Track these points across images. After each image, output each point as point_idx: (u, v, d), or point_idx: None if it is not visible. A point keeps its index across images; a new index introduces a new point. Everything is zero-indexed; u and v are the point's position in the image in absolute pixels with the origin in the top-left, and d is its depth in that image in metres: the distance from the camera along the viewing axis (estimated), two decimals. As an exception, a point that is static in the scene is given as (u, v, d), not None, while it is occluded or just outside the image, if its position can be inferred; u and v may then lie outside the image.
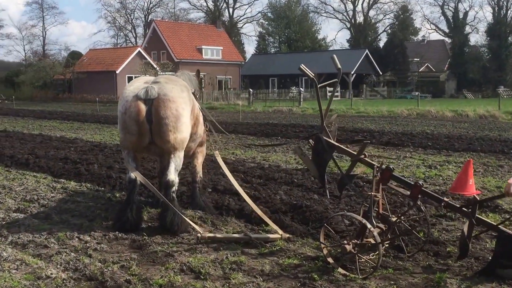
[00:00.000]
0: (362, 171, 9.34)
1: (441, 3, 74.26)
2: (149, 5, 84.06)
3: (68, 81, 58.47)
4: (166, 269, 4.90)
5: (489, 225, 4.93)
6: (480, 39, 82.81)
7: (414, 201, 5.26)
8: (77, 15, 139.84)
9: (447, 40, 77.30)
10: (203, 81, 59.29)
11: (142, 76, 7.48)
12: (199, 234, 5.72)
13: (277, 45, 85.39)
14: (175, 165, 6.26)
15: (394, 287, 4.53)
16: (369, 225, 4.81)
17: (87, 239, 5.82)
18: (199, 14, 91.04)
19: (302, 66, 6.28)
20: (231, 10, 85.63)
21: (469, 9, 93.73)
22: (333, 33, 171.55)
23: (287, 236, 5.85)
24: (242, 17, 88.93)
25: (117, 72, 53.56)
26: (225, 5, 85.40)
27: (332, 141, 6.14)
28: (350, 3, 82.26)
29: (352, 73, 60.68)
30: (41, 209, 7.23)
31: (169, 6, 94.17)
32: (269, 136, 17.70)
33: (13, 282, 4.50)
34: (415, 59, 69.73)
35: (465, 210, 5.03)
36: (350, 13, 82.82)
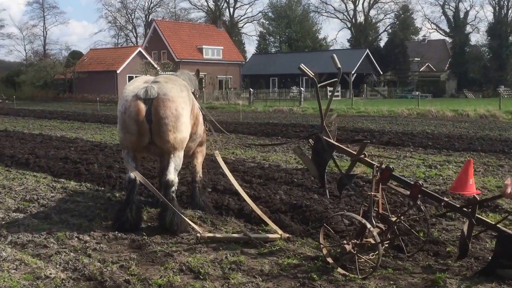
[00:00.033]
0: (362, 170, 9.34)
1: (441, 3, 74.31)
2: (149, 4, 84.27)
3: (68, 81, 58.53)
4: (166, 269, 4.88)
5: (488, 225, 4.92)
6: (481, 39, 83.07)
7: (414, 201, 5.25)
8: (78, 14, 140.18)
9: (447, 39, 77.33)
10: (203, 81, 59.32)
11: (141, 76, 7.46)
12: (199, 234, 5.71)
13: (277, 44, 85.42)
14: (174, 165, 6.25)
15: (394, 287, 4.52)
16: (368, 225, 4.80)
17: (87, 239, 5.80)
18: (199, 14, 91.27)
19: (301, 65, 6.27)
20: (231, 10, 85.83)
21: (470, 9, 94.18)
22: (333, 32, 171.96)
23: (286, 236, 5.83)
24: (242, 16, 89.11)
25: (117, 72, 53.61)
26: (225, 4, 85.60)
27: (332, 140, 6.13)
28: (350, 2, 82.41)
29: (353, 72, 60.69)
30: (41, 209, 7.22)
31: (170, 6, 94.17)
32: (270, 135, 17.69)
33: (12, 282, 4.49)
34: (415, 59, 69.74)
35: (465, 210, 5.02)
36: (351, 12, 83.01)
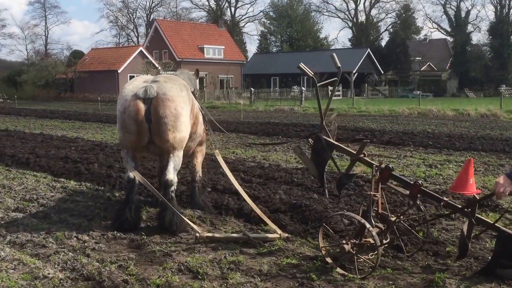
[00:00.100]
0: (362, 170, 9.32)
1: (443, 2, 74.22)
2: (151, 4, 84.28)
3: (70, 80, 58.57)
4: (164, 269, 4.87)
5: (487, 224, 4.90)
6: (482, 38, 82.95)
7: (413, 201, 5.23)
8: (79, 14, 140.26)
9: (449, 39, 77.26)
10: (204, 80, 59.33)
11: (141, 75, 7.45)
12: (198, 234, 5.70)
13: (279, 44, 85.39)
14: (174, 164, 6.23)
15: (393, 287, 4.50)
16: (367, 225, 4.79)
17: (86, 238, 5.79)
18: (201, 14, 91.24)
19: (301, 65, 6.26)
20: (233, 9, 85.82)
21: (471, 8, 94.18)
22: (335, 32, 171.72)
23: (286, 235, 5.82)
24: (244, 16, 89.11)
25: (119, 72, 53.64)
26: (227, 4, 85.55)
27: (332, 140, 6.12)
28: (352, 2, 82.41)
29: (354, 72, 60.63)
30: (40, 209, 7.21)
31: (171, 6, 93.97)
32: (270, 135, 17.67)
33: (10, 282, 4.48)
34: (417, 58, 69.69)
35: (464, 209, 5.01)
36: (352, 12, 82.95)
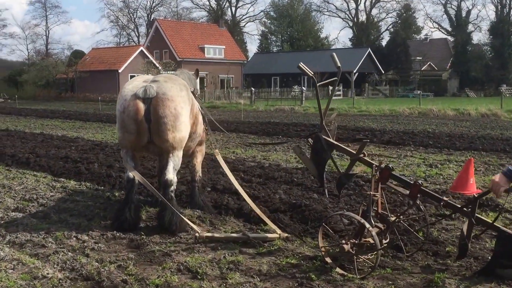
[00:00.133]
0: (362, 170, 9.31)
1: (443, 2, 74.22)
2: (151, 4, 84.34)
3: (70, 80, 58.57)
4: (163, 269, 4.86)
5: (487, 224, 4.88)
6: (483, 38, 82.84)
7: (413, 200, 5.23)
8: (80, 14, 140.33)
9: (449, 38, 77.24)
10: (205, 80, 59.33)
11: (140, 75, 7.44)
12: (197, 234, 5.69)
13: (279, 44, 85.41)
14: (173, 164, 6.23)
15: (392, 287, 4.50)
16: (367, 225, 4.78)
17: (85, 238, 5.79)
18: (201, 13, 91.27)
19: (301, 64, 6.26)
20: (233, 9, 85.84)
21: (472, 8, 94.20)
22: (335, 32, 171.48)
23: (285, 235, 5.81)
24: (244, 16, 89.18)
25: (119, 71, 53.64)
26: (227, 4, 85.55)
27: (331, 140, 6.12)
28: (352, 1, 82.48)
29: (355, 72, 60.62)
30: (40, 208, 7.20)
31: (172, 5, 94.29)
32: (271, 135, 17.67)
33: (9, 282, 4.47)
34: (417, 58, 69.67)
35: (464, 209, 5.00)
36: (353, 11, 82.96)
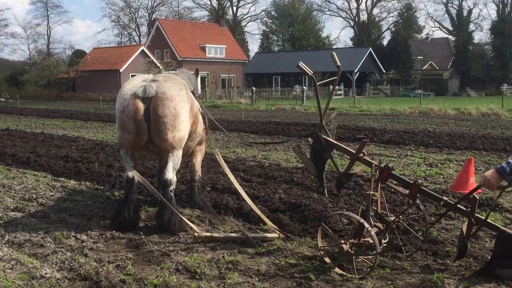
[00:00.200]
0: (362, 169, 9.28)
1: (445, 1, 74.11)
2: (153, 3, 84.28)
3: (72, 79, 58.56)
4: (162, 268, 4.85)
5: (488, 224, 4.87)
6: (484, 37, 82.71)
7: (413, 200, 5.22)
8: (81, 13, 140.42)
9: (451, 38, 77.15)
10: (206, 79, 59.33)
11: (140, 75, 7.43)
12: (196, 233, 5.69)
13: (280, 43, 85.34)
14: (173, 164, 6.22)
15: (391, 287, 4.48)
16: (366, 225, 4.77)
17: (84, 238, 5.78)
18: (203, 13, 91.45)
19: (300, 63, 6.25)
20: (235, 9, 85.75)
21: (473, 7, 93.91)
22: (336, 31, 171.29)
23: (284, 235, 5.80)
24: (246, 15, 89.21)
25: (120, 71, 53.61)
26: (229, 3, 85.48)
27: (331, 139, 6.11)
28: (353, 1, 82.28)
29: (356, 71, 60.56)
30: (39, 208, 7.20)
31: (173, 5, 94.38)
32: (271, 134, 17.66)
33: (7, 282, 4.46)
34: (418, 57, 69.59)
35: (464, 209, 4.98)
36: (354, 11, 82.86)
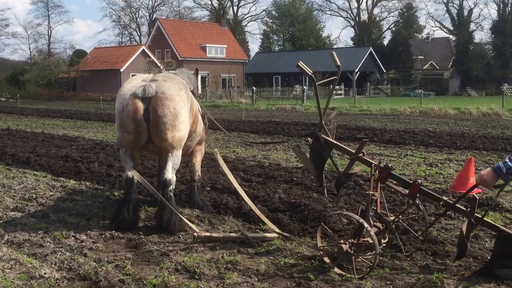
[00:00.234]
0: (362, 169, 9.27)
1: (445, 1, 74.08)
2: (153, 3, 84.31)
3: (72, 79, 58.60)
4: (161, 268, 4.84)
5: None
6: (485, 37, 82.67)
7: (412, 200, 5.21)
8: (82, 13, 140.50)
9: (451, 37, 77.13)
10: (207, 79, 59.33)
11: (140, 74, 7.43)
12: (196, 233, 5.68)
13: (281, 43, 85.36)
14: (172, 163, 6.21)
15: (390, 287, 4.48)
16: (365, 225, 4.76)
17: (83, 238, 5.77)
18: (203, 13, 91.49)
19: (300, 63, 6.24)
20: (235, 8, 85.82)
21: (474, 7, 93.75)
22: (337, 31, 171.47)
23: (284, 235, 5.79)
24: (246, 15, 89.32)
25: (121, 71, 53.64)
26: (229, 3, 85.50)
27: (331, 139, 6.10)
28: (354, 0, 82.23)
29: (356, 71, 60.55)
30: (39, 208, 7.19)
31: (174, 5, 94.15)
32: (271, 134, 17.66)
33: (6, 282, 4.46)
34: (419, 57, 69.60)
35: (464, 209, 4.98)
36: (355, 11, 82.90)
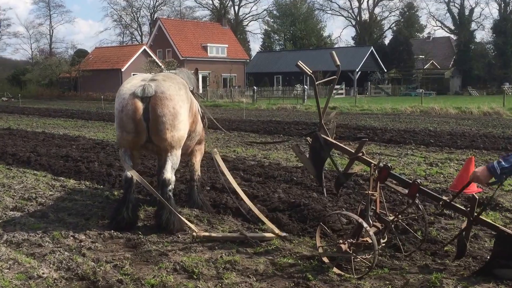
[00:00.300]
0: (361, 169, 9.25)
1: (447, 0, 73.92)
2: (155, 3, 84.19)
3: (73, 79, 58.63)
4: (159, 268, 4.83)
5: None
6: (486, 36, 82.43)
7: (412, 200, 5.19)
8: (84, 13, 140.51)
9: (452, 37, 77.01)
10: (208, 79, 59.32)
11: (139, 74, 7.42)
12: (194, 233, 5.67)
13: (282, 42, 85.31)
14: (172, 163, 6.21)
15: (389, 287, 4.46)
16: (365, 224, 4.75)
17: (82, 238, 5.77)
18: (204, 12, 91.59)
19: (299, 62, 6.21)
20: (236, 8, 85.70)
21: (475, 6, 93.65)
22: (338, 30, 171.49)
23: (283, 234, 5.79)
24: (247, 14, 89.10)
25: (122, 70, 53.66)
26: (230, 3, 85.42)
27: (330, 138, 6.08)
28: (355, 0, 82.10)
29: (357, 70, 60.50)
30: (38, 208, 7.18)
31: (175, 4, 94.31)
32: (272, 133, 17.65)
33: (4, 282, 4.45)
34: (420, 56, 69.51)
35: (463, 208, 4.96)
36: (356, 10, 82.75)
